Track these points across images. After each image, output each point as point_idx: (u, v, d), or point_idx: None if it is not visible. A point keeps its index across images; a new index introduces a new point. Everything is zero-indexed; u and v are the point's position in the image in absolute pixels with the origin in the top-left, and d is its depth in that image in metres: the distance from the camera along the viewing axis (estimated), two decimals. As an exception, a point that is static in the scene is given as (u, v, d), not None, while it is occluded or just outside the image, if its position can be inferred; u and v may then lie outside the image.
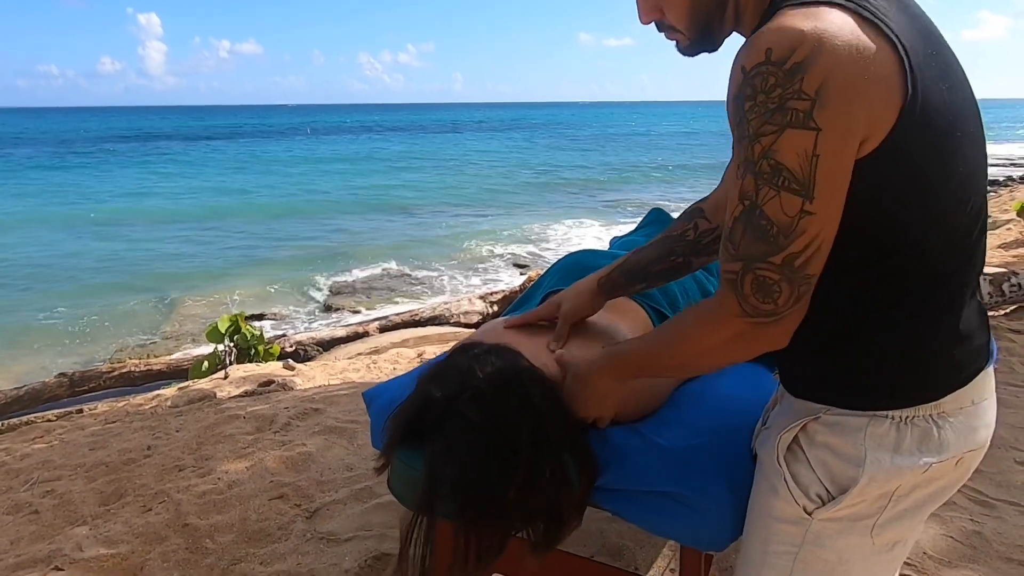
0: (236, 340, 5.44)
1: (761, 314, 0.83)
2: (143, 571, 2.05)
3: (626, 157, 32.39)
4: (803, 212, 0.77)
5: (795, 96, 0.74)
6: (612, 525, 2.07)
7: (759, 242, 0.80)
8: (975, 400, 0.91)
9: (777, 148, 0.76)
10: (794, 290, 0.81)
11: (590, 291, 1.28)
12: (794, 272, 0.80)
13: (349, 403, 3.34)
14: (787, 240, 0.79)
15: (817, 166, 0.75)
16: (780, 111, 0.75)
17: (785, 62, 0.74)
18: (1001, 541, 2.01)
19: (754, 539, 1.01)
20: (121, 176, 25.50)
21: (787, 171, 0.76)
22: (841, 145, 0.76)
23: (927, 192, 0.81)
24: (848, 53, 0.74)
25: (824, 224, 0.79)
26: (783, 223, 0.78)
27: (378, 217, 16.53)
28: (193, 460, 2.80)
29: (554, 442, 1.01)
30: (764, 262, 0.80)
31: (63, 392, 5.59)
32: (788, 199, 0.77)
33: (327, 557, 2.05)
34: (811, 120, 0.74)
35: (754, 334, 0.85)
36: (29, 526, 2.42)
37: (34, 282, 10.38)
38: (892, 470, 0.88)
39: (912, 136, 0.78)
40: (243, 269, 11.36)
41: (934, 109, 0.79)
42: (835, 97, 0.74)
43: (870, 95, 0.75)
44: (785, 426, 0.95)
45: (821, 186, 0.76)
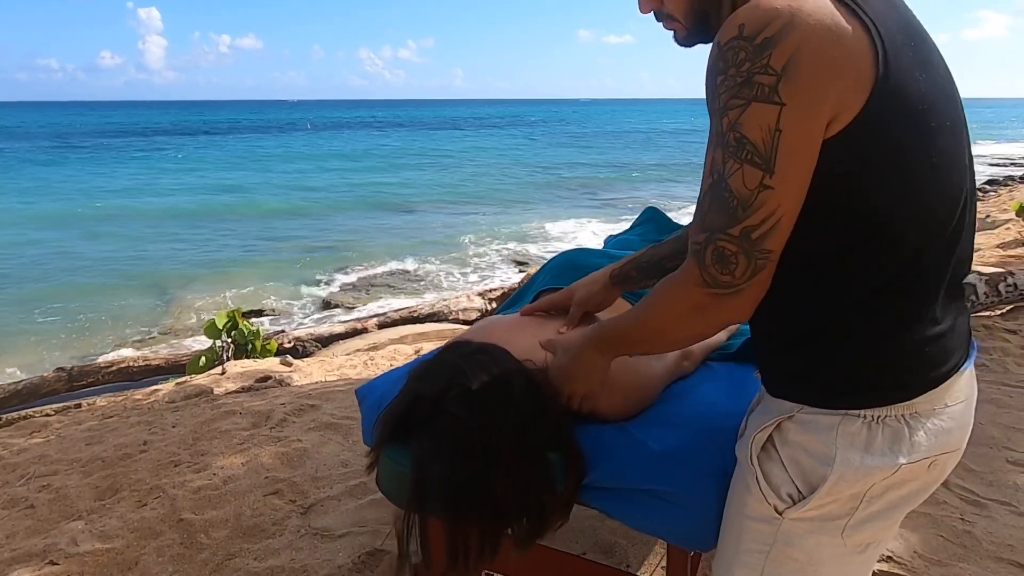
0: (233, 336, 5.44)
1: (720, 285, 0.84)
2: (138, 566, 2.06)
3: (625, 155, 32.38)
4: (762, 186, 0.78)
5: (762, 71, 0.75)
6: (604, 523, 2.08)
7: (721, 214, 0.81)
8: (950, 402, 0.90)
9: (742, 121, 0.77)
10: (751, 263, 0.82)
11: (603, 282, 1.34)
12: (751, 244, 0.81)
13: (345, 399, 3.35)
14: (745, 213, 0.80)
15: (779, 141, 0.76)
16: (747, 84, 0.76)
17: (756, 37, 0.76)
18: (991, 541, 2.03)
19: (728, 537, 1.02)
20: (118, 172, 25.44)
21: (750, 144, 0.78)
22: (805, 121, 0.77)
23: (900, 174, 0.81)
24: (819, 31, 0.75)
25: (783, 199, 0.79)
26: (743, 195, 0.79)
27: (377, 214, 16.52)
28: (189, 455, 2.81)
29: (540, 440, 1.02)
30: (724, 233, 0.82)
31: (61, 387, 5.60)
32: (750, 172, 0.78)
33: (321, 553, 2.06)
34: (776, 94, 0.75)
35: (714, 304, 0.86)
36: (25, 520, 2.43)
37: (32, 278, 10.38)
38: (862, 470, 0.88)
39: (884, 117, 0.78)
40: (242, 265, 11.36)
41: (908, 94, 0.79)
42: (802, 73, 0.75)
43: (839, 74, 0.76)
44: (760, 425, 0.96)
45: (782, 161, 0.77)
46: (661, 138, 45.38)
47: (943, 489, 2.27)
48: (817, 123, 0.77)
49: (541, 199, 18.77)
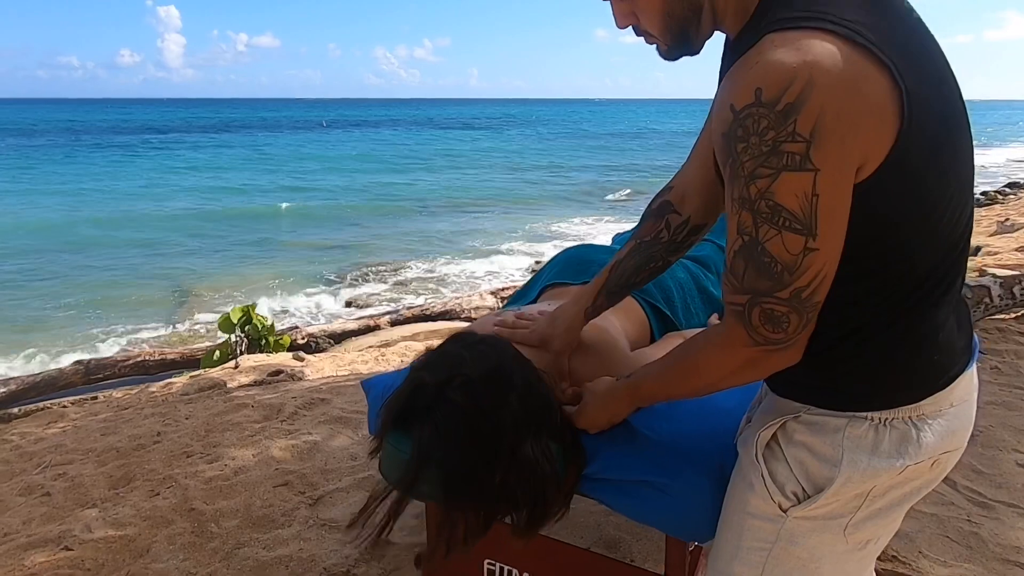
0: (247, 331, 5.51)
1: (772, 342, 0.84)
2: (149, 553, 2.10)
3: (639, 156, 32.29)
4: (807, 249, 0.77)
5: (790, 139, 0.73)
6: (609, 518, 2.09)
7: (763, 279, 0.80)
8: (955, 402, 0.91)
9: (774, 190, 0.75)
10: (803, 318, 0.82)
11: (578, 324, 1.28)
12: (802, 303, 0.81)
13: (355, 394, 3.38)
14: (792, 277, 0.79)
15: (818, 205, 0.75)
16: (775, 154, 0.74)
17: (777, 103, 0.73)
18: (997, 542, 2.02)
19: (728, 534, 1.02)
20: (133, 169, 25.68)
21: (787, 211, 0.76)
22: (839, 181, 0.76)
23: (922, 210, 0.81)
24: (840, 87, 0.72)
25: (828, 257, 0.79)
26: (787, 261, 0.78)
27: (389, 213, 16.58)
28: (201, 447, 2.85)
29: (541, 430, 1.04)
30: (772, 297, 0.81)
31: (79, 379, 5.69)
32: (791, 238, 0.77)
33: (328, 543, 2.09)
34: (808, 162, 0.73)
35: (767, 359, 0.86)
36: (41, 507, 2.48)
37: (52, 274, 10.53)
38: (868, 471, 0.89)
39: (908, 158, 0.77)
40: (256, 262, 11.46)
41: (929, 131, 0.78)
42: (830, 136, 0.72)
43: (865, 126, 0.74)
44: (765, 423, 0.96)
45: (823, 222, 0.76)
46: (676, 139, 45.17)
47: (950, 490, 2.26)
48: (848, 178, 0.77)
49: (554, 198, 18.76)
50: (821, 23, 0.74)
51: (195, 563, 2.04)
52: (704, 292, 1.68)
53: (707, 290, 1.69)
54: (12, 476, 2.86)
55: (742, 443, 1.03)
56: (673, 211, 1.18)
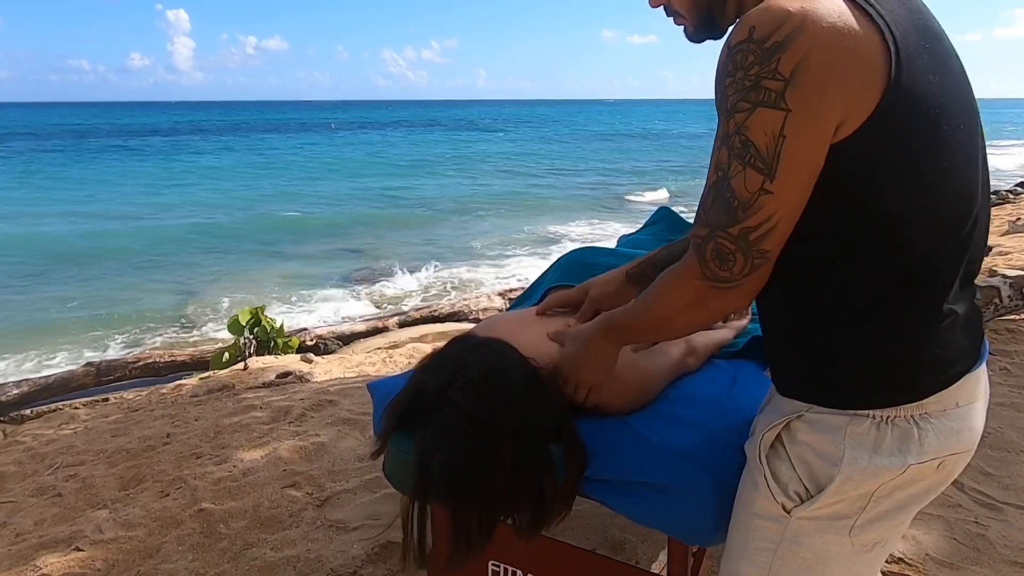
0: (256, 333, 5.53)
1: (718, 279, 0.86)
2: (159, 553, 2.12)
3: (648, 157, 32.23)
4: (763, 190, 0.80)
5: (770, 75, 0.76)
6: (614, 520, 2.09)
7: (722, 212, 0.83)
8: (960, 402, 0.90)
9: (748, 125, 0.78)
10: (748, 261, 0.84)
11: (618, 281, 1.35)
12: (749, 245, 0.83)
13: (363, 396, 3.40)
14: (745, 214, 0.81)
15: (783, 146, 0.77)
16: (755, 89, 0.77)
17: (766, 40, 0.76)
18: (1005, 544, 2.01)
19: (736, 534, 1.02)
20: (144, 172, 25.83)
21: (754, 148, 0.79)
22: (810, 128, 0.77)
23: (911, 176, 0.81)
24: (829, 35, 0.75)
25: (782, 204, 0.81)
26: (744, 198, 0.81)
27: (398, 214, 16.61)
28: (210, 448, 2.88)
29: (542, 431, 1.05)
30: (723, 231, 0.84)
31: (90, 381, 5.73)
32: (751, 175, 0.80)
33: (336, 544, 2.11)
34: (782, 100, 0.76)
35: (713, 296, 0.89)
36: (52, 508, 2.51)
37: (62, 275, 10.61)
38: (870, 470, 0.88)
39: (895, 120, 0.78)
40: (265, 265, 11.51)
41: (921, 97, 0.79)
42: (809, 79, 0.75)
43: (849, 79, 0.76)
44: (769, 424, 0.96)
45: (784, 166, 0.78)
46: (686, 141, 45.00)
47: (957, 492, 2.25)
48: (822, 130, 0.78)
49: (562, 200, 18.74)
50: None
51: (204, 563, 2.05)
52: None
53: None
54: (24, 477, 2.89)
55: (748, 444, 1.03)
56: None
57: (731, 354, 1.49)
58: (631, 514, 1.16)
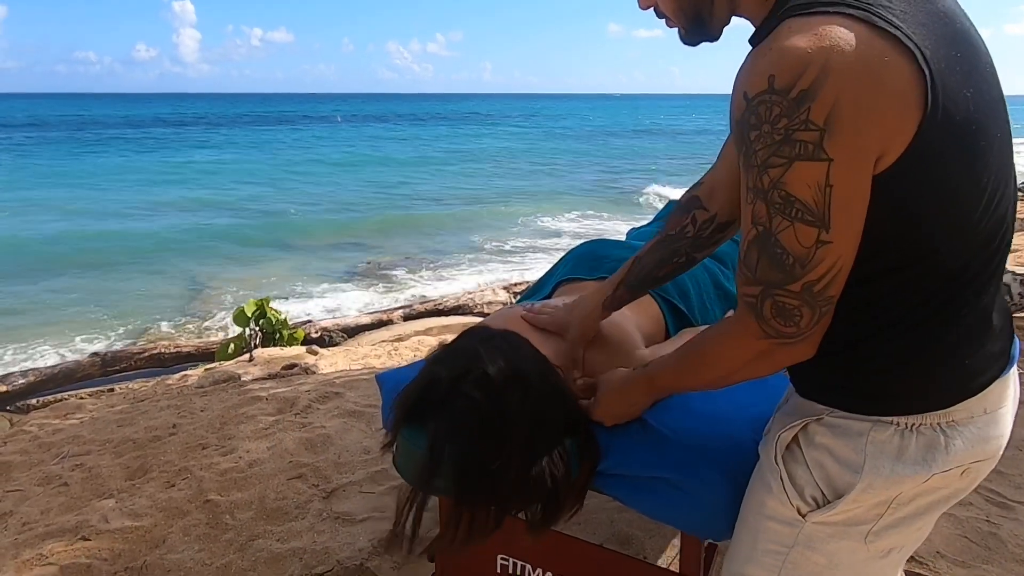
0: (261, 324, 5.54)
1: (783, 336, 0.82)
2: (165, 543, 2.12)
3: (653, 152, 32.17)
4: (819, 242, 0.75)
5: (803, 127, 0.71)
6: (622, 514, 2.08)
7: (776, 271, 0.78)
8: (989, 409, 0.87)
9: (787, 180, 0.73)
10: (815, 313, 0.80)
11: (595, 315, 1.27)
12: (814, 297, 0.79)
13: (369, 388, 3.39)
14: (804, 270, 0.77)
15: (831, 196, 0.73)
16: (788, 143, 0.72)
17: (790, 90, 0.70)
18: (1017, 543, 1.99)
19: (744, 535, 1.00)
20: (148, 163, 25.85)
21: (799, 202, 0.74)
22: (855, 172, 0.73)
23: (950, 202, 0.78)
24: (857, 73, 0.69)
25: (842, 251, 0.77)
26: (799, 253, 0.76)
27: (405, 208, 16.62)
28: (216, 439, 2.88)
29: (555, 425, 1.03)
30: (783, 289, 0.79)
31: (96, 371, 5.75)
32: (803, 230, 0.75)
33: (342, 536, 2.10)
34: (821, 151, 0.71)
35: (779, 353, 0.84)
36: (59, 497, 2.51)
37: (67, 266, 10.63)
38: (891, 479, 0.85)
39: (933, 147, 0.74)
40: (271, 257, 11.52)
41: (957, 118, 0.75)
42: (845, 124, 0.70)
43: (884, 114, 0.71)
44: (786, 424, 0.93)
45: (837, 215, 0.74)
46: (692, 137, 44.84)
47: (969, 490, 2.23)
48: (866, 169, 0.73)
49: (568, 195, 18.71)
50: (840, 7, 0.72)
51: (210, 554, 2.05)
52: (720, 288, 1.66)
53: (723, 286, 1.67)
54: (31, 466, 2.89)
55: (763, 444, 1.00)
56: (700, 207, 1.16)
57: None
58: (644, 509, 1.15)
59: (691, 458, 1.09)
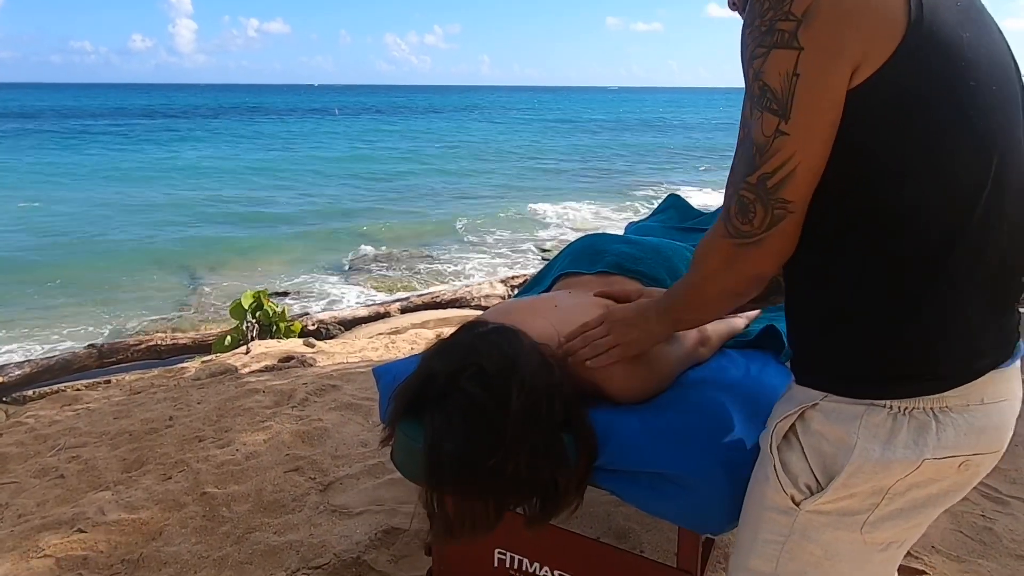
0: (258, 317, 5.52)
1: (742, 235, 0.84)
2: (162, 536, 2.12)
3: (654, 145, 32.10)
4: (778, 132, 0.78)
5: (783, 17, 0.76)
6: (619, 508, 2.08)
7: (743, 163, 0.82)
8: (987, 399, 0.85)
9: (764, 69, 0.78)
10: (768, 212, 0.81)
11: None
12: (767, 192, 0.80)
13: (366, 381, 3.39)
14: (762, 159, 0.79)
15: (796, 85, 0.76)
16: (770, 32, 0.77)
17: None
18: (1012, 538, 2.00)
19: (746, 526, 1.01)
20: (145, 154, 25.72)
21: (770, 91, 0.78)
22: (824, 66, 0.75)
23: (929, 130, 0.78)
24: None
25: (799, 146, 0.78)
26: (760, 142, 0.79)
27: (402, 201, 16.60)
28: (213, 431, 2.87)
29: (553, 419, 1.03)
30: (744, 182, 0.82)
31: (92, 363, 5.74)
32: (767, 119, 0.79)
33: (339, 529, 2.10)
34: (795, 39, 0.75)
35: (736, 255, 0.87)
36: (55, 489, 2.50)
37: (65, 260, 10.60)
38: (881, 462, 0.85)
39: (913, 66, 0.76)
40: (268, 249, 11.49)
41: (944, 46, 0.76)
42: (821, 18, 0.74)
43: (864, 19, 0.74)
44: (783, 413, 0.94)
45: (798, 106, 0.76)
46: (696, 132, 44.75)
47: (964, 485, 2.24)
48: (837, 71, 0.76)
49: (566, 188, 18.70)
50: None
51: (207, 546, 2.05)
52: None
53: None
54: (27, 458, 2.89)
55: (762, 434, 1.01)
56: None
57: (744, 343, 1.47)
58: (641, 504, 1.15)
59: (689, 452, 1.09)
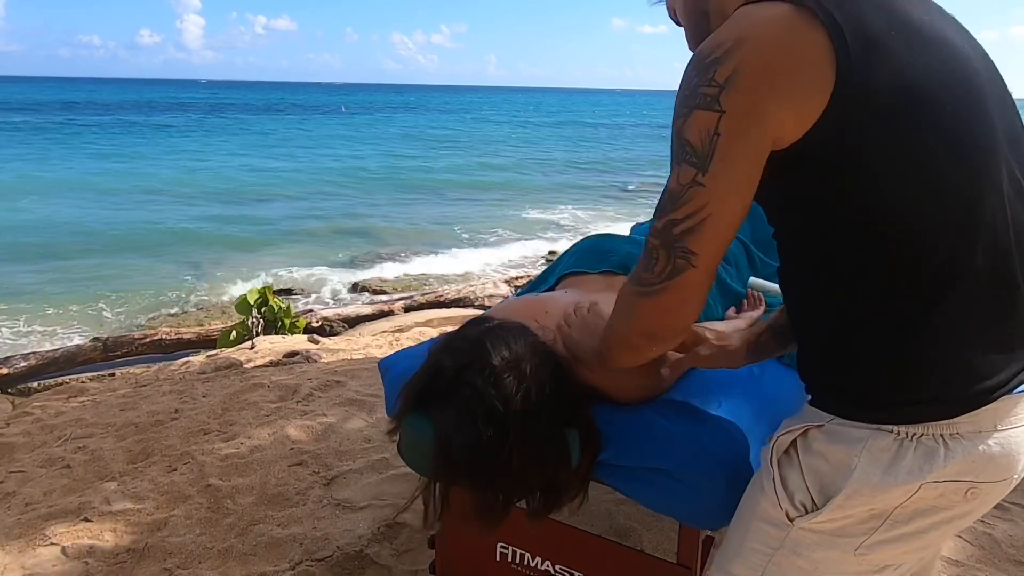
0: (264, 312, 5.55)
1: (640, 282, 0.85)
2: (167, 526, 2.14)
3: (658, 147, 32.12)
4: (694, 182, 0.79)
5: (706, 84, 0.78)
6: (620, 507, 2.10)
7: (656, 210, 0.84)
8: (1000, 425, 0.82)
9: (685, 127, 0.80)
10: (670, 259, 0.81)
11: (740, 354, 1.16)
12: (672, 239, 0.81)
13: (370, 377, 3.41)
14: (673, 206, 0.81)
15: (716, 144, 0.77)
16: (694, 96, 0.79)
17: (707, 57, 0.79)
18: (1012, 544, 2.01)
19: (736, 531, 1.01)
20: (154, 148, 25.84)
21: (690, 147, 0.79)
22: (745, 129, 0.77)
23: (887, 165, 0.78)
24: (764, 44, 0.76)
25: (712, 197, 0.79)
26: (675, 190, 0.81)
27: (408, 199, 16.62)
28: (218, 425, 2.89)
29: (558, 415, 1.05)
30: (652, 228, 0.83)
31: (97, 356, 5.77)
32: (685, 170, 0.80)
33: (342, 523, 2.12)
34: (716, 103, 0.77)
35: (633, 305, 0.86)
36: (61, 479, 2.53)
37: (71, 253, 10.65)
38: (880, 488, 0.84)
39: (854, 114, 0.76)
40: (273, 246, 11.53)
41: (883, 87, 0.76)
42: (743, 84, 0.76)
43: (787, 81, 0.76)
44: (787, 428, 0.93)
45: (717, 163, 0.78)
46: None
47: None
48: (758, 132, 0.77)
49: (570, 189, 18.71)
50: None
51: (211, 538, 2.07)
52: (722, 285, 1.67)
53: (725, 283, 1.67)
54: (33, 448, 2.91)
55: (764, 446, 0.99)
56: None
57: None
58: (644, 500, 1.16)
59: (693, 451, 1.10)
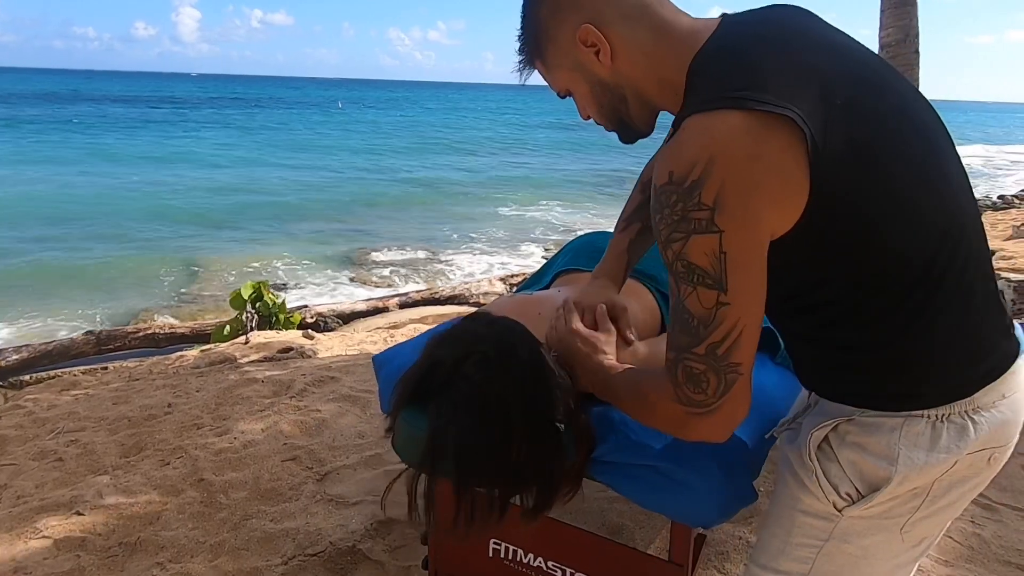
0: (258, 307, 5.54)
1: (694, 404, 0.87)
2: (159, 520, 2.14)
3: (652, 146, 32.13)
4: (719, 304, 0.81)
5: (696, 208, 0.80)
6: (613, 505, 2.11)
7: (684, 334, 0.84)
8: (1006, 394, 0.91)
9: (686, 251, 0.81)
10: (721, 379, 0.84)
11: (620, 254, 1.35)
12: (718, 360, 0.83)
13: (364, 373, 3.41)
14: (707, 330, 0.82)
15: (726, 262, 0.80)
16: (684, 221, 0.81)
17: (684, 182, 0.80)
18: (1000, 544, 2.02)
19: (777, 530, 1.03)
20: (149, 141, 25.76)
21: (699, 268, 0.81)
22: (746, 238, 0.80)
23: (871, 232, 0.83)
24: (738, 159, 0.78)
25: (742, 312, 0.82)
26: (702, 314, 0.82)
27: (403, 196, 16.61)
28: (211, 419, 2.89)
29: (551, 409, 1.05)
30: (690, 352, 0.84)
31: (90, 349, 5.75)
32: (704, 293, 0.82)
33: (335, 518, 2.12)
34: (713, 225, 0.79)
35: (689, 423, 0.89)
36: (53, 472, 2.52)
37: (61, 245, 10.61)
38: (925, 467, 0.90)
39: (834, 200, 0.81)
40: (268, 240, 11.52)
41: (855, 147, 0.81)
42: (732, 200, 0.78)
43: (770, 186, 0.79)
44: (817, 424, 0.96)
45: (733, 278, 0.80)
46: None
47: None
48: (758, 237, 0.81)
49: (566, 186, 18.73)
50: (724, 102, 0.80)
51: (204, 532, 2.07)
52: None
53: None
54: (25, 441, 2.91)
55: (789, 441, 1.03)
56: None
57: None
58: (636, 497, 1.17)
59: (687, 448, 1.11)
